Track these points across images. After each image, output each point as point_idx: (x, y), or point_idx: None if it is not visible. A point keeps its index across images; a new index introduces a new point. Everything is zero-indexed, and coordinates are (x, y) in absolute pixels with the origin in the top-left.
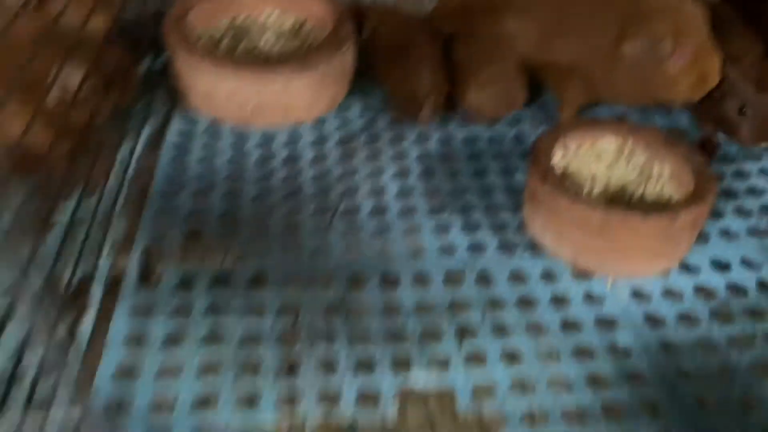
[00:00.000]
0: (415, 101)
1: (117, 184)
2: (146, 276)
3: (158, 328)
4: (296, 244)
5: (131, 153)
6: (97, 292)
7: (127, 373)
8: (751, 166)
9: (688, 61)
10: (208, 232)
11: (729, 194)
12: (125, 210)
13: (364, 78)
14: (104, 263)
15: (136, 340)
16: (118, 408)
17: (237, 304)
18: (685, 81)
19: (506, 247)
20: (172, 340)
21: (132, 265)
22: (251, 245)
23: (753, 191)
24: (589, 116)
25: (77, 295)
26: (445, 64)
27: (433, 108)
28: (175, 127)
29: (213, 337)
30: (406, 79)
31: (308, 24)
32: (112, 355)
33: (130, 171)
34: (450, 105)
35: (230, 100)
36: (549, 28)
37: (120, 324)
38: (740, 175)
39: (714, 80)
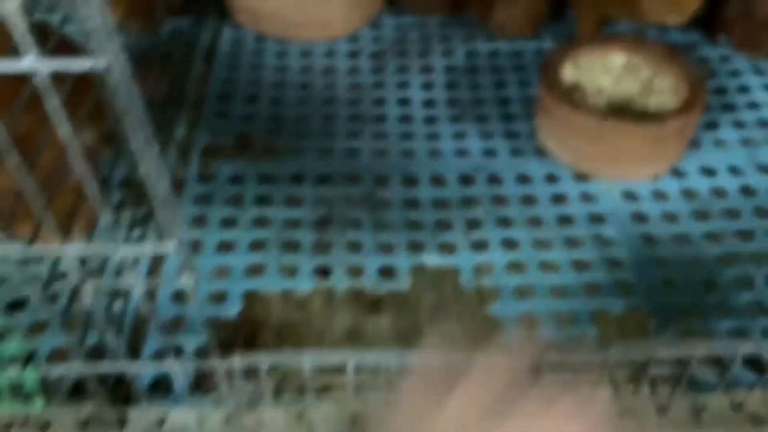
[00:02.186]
0: None
1: (178, 90)
2: (205, 171)
3: (216, 212)
4: (331, 147)
5: (188, 63)
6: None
7: (193, 247)
8: (755, 81)
9: None
10: (256, 134)
11: (728, 107)
12: (186, 114)
13: None
14: (169, 162)
15: (199, 221)
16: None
17: (280, 196)
18: None
19: (516, 152)
20: (228, 222)
21: (193, 162)
22: (293, 146)
23: (753, 105)
24: (605, 32)
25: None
26: None
27: None
28: (226, 39)
29: (260, 221)
30: None
31: None
32: (181, 234)
33: (190, 79)
34: None
35: (273, 16)
36: None
37: (186, 209)
38: (743, 89)
39: (693, 7)
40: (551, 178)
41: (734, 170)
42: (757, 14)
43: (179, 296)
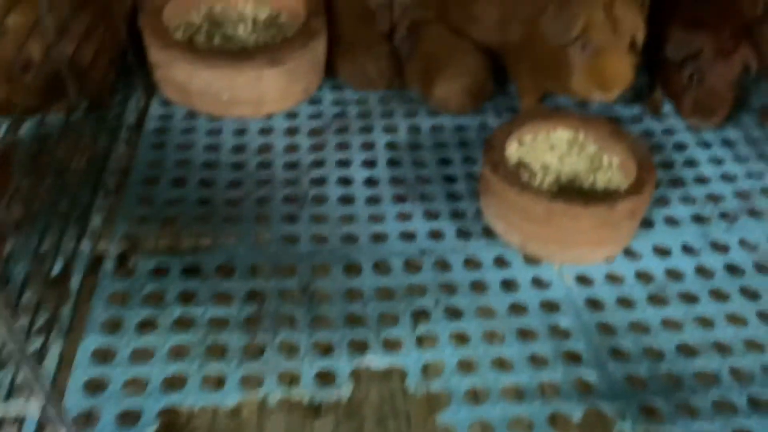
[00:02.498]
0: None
1: (97, 172)
2: (122, 266)
3: (133, 314)
4: (266, 232)
5: (110, 143)
6: (76, 279)
7: (103, 356)
8: (701, 154)
9: (589, 52)
10: (182, 221)
11: (677, 182)
12: (104, 198)
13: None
14: (84, 251)
15: (112, 326)
16: (94, 391)
17: (206, 292)
18: (583, 74)
19: (463, 234)
20: (146, 325)
21: (109, 255)
22: (223, 233)
23: (701, 179)
24: (548, 107)
25: (59, 282)
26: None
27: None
28: (153, 117)
29: (183, 322)
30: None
31: (283, 15)
32: (90, 340)
33: (111, 160)
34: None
35: (205, 91)
36: (507, 10)
37: (97, 310)
38: (690, 163)
39: (617, 87)
40: (501, 262)
41: (688, 249)
42: (707, 82)
43: None
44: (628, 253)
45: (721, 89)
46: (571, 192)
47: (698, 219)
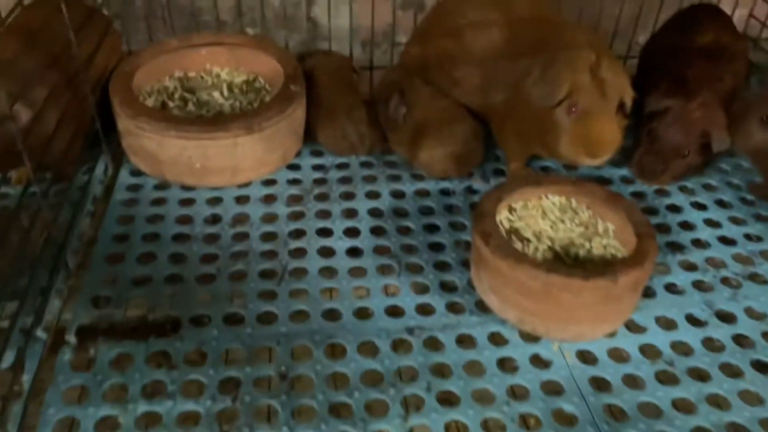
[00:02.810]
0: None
1: (57, 250)
2: (81, 357)
3: (91, 414)
4: (241, 312)
5: (74, 216)
6: (29, 372)
7: None
8: (695, 216)
9: (576, 116)
10: (149, 302)
11: (675, 247)
12: (64, 279)
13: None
14: (39, 338)
15: (68, 427)
16: None
17: (174, 384)
18: (570, 138)
19: (454, 309)
20: (105, 425)
21: (67, 344)
22: (194, 314)
23: (698, 243)
24: (537, 171)
25: (9, 375)
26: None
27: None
28: (121, 188)
29: (148, 420)
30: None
31: (260, 80)
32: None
33: (73, 235)
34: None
35: (177, 160)
36: (489, 74)
37: (52, 408)
38: (686, 226)
39: (605, 152)
40: (496, 340)
41: (694, 320)
42: (659, 143)
43: None
44: (631, 326)
45: (669, 153)
46: (568, 263)
47: (700, 287)
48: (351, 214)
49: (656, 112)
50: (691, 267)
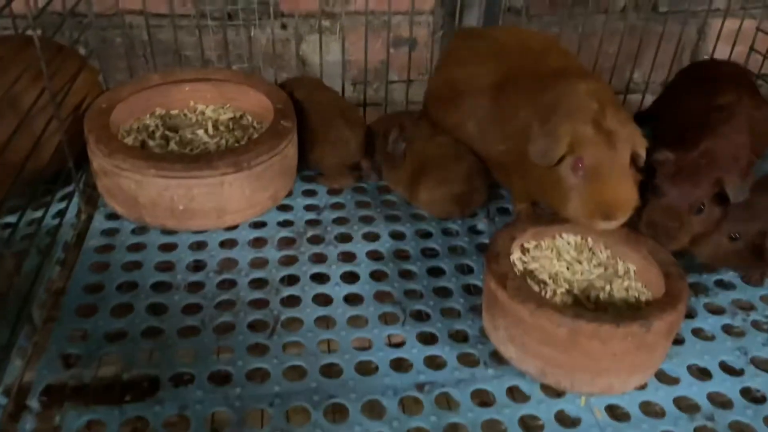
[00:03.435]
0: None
1: (21, 303)
2: (46, 421)
3: None
4: (228, 369)
5: (41, 265)
6: None
7: None
8: None
9: (583, 174)
10: (124, 361)
11: (698, 289)
12: (28, 336)
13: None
14: None
15: None
16: None
17: None
18: (580, 199)
19: (468, 362)
20: None
21: (29, 409)
22: (175, 374)
23: (722, 284)
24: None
25: None
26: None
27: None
28: (95, 233)
29: None
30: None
31: (248, 116)
32: None
33: (40, 287)
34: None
35: (157, 202)
36: (485, 125)
37: None
38: (708, 266)
39: (622, 214)
40: (516, 396)
41: (729, 369)
42: (663, 201)
43: None
44: (663, 376)
45: (679, 209)
46: (589, 307)
47: (731, 331)
48: (348, 257)
49: (658, 164)
50: (718, 310)
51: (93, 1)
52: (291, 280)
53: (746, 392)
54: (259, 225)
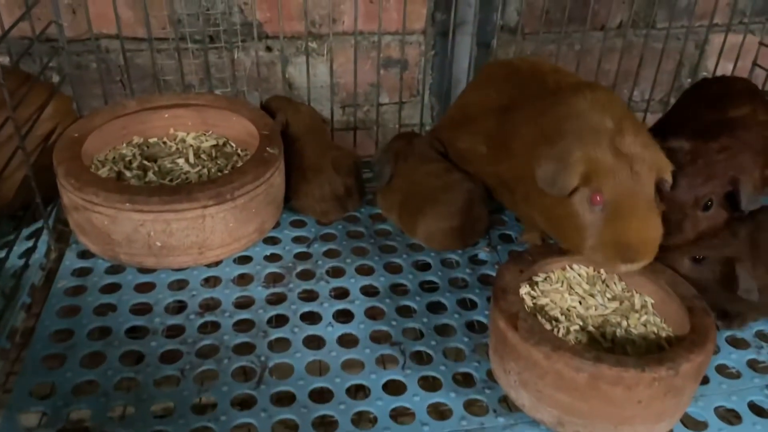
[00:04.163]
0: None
1: None
2: None
3: None
4: (211, 426)
5: (3, 310)
6: None
7: None
8: None
9: (602, 209)
10: (96, 415)
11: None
12: None
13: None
14: None
15: None
16: None
17: None
18: (598, 239)
19: (475, 410)
20: None
21: None
22: (153, 431)
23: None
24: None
25: None
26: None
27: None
28: (65, 273)
29: None
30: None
31: (231, 144)
32: None
33: (1, 333)
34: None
35: (133, 239)
36: (496, 143)
37: None
38: None
39: (646, 257)
40: None
41: (758, 410)
42: (670, 193)
43: None
44: (689, 421)
45: (686, 202)
46: (606, 345)
47: (756, 367)
48: (341, 294)
49: (670, 152)
50: (741, 344)
51: (65, 26)
52: (279, 320)
53: None
54: (244, 260)
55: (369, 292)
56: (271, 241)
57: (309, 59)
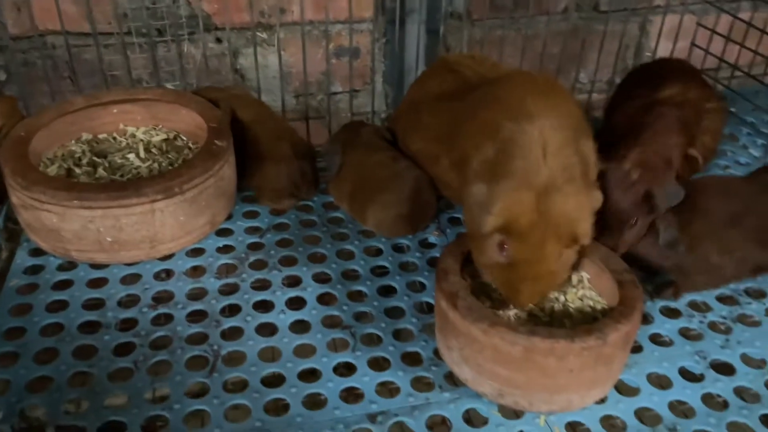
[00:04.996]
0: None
1: None
2: None
3: None
4: (165, 414)
5: None
6: None
7: None
8: None
9: (506, 258)
10: (49, 410)
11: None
12: None
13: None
14: None
15: None
16: None
17: None
18: (497, 274)
19: (421, 386)
20: None
21: None
22: (107, 422)
23: None
24: None
25: None
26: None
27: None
28: (17, 272)
29: None
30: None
31: (182, 137)
32: None
33: None
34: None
35: (83, 235)
36: (438, 140)
37: None
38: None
39: (532, 302)
40: (474, 420)
41: (688, 375)
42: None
43: None
44: (622, 388)
45: (617, 222)
46: (544, 319)
47: (688, 335)
48: (294, 282)
49: (600, 174)
50: (673, 313)
51: (9, 23)
52: (232, 310)
53: (708, 398)
54: (197, 252)
55: (321, 279)
56: (224, 232)
57: (258, 50)
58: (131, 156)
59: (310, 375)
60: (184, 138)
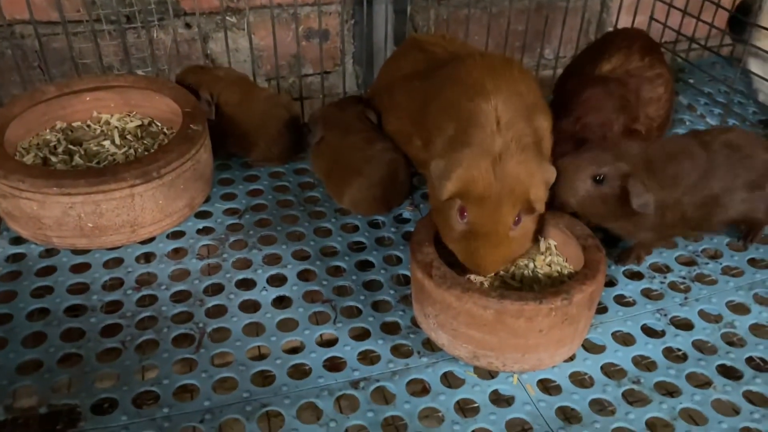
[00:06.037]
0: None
1: None
2: None
3: None
4: (154, 389)
5: None
6: None
7: None
8: None
9: (466, 224)
10: (42, 389)
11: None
12: None
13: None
14: None
15: None
16: None
17: None
18: (458, 242)
19: (400, 353)
20: None
21: None
22: (97, 400)
23: None
24: None
25: None
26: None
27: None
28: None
29: None
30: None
31: (156, 123)
32: None
33: None
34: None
35: (63, 222)
36: (410, 120)
37: None
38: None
39: (491, 271)
40: (451, 381)
41: (650, 331)
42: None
43: None
44: (589, 346)
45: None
46: (515, 285)
47: (650, 295)
48: (274, 260)
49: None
50: (636, 275)
51: None
52: (215, 289)
53: (668, 352)
54: (177, 235)
55: (300, 256)
56: (203, 215)
57: (229, 34)
58: (107, 143)
59: (294, 346)
60: (159, 124)
